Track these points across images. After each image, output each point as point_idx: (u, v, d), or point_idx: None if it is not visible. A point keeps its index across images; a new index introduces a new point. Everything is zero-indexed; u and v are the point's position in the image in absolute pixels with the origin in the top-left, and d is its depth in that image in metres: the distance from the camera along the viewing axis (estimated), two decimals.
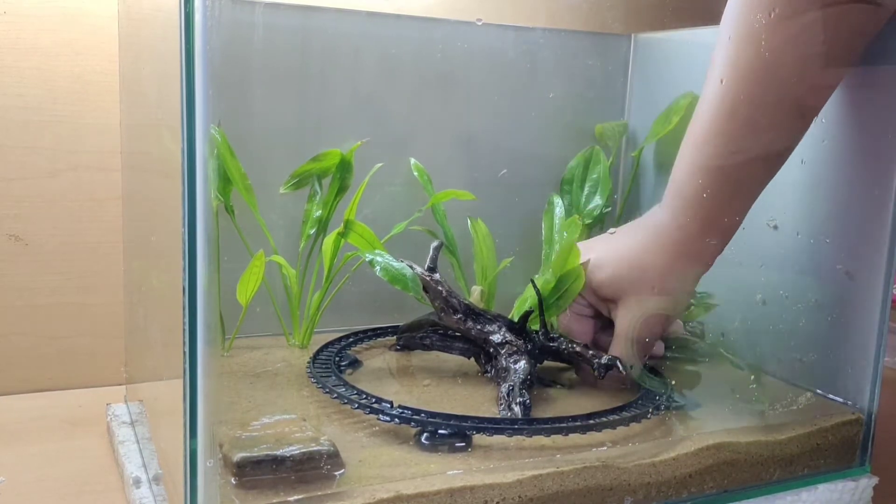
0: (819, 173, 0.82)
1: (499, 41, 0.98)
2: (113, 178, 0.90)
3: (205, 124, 0.48)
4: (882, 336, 0.77)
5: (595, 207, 1.01)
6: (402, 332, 0.87)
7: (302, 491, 0.57)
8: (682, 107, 0.96)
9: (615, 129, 1.05)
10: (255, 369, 0.81)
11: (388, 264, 0.79)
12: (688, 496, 0.69)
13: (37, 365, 0.90)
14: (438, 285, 0.84)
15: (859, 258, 0.78)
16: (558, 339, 0.81)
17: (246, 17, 0.86)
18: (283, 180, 0.87)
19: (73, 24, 0.86)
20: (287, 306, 0.88)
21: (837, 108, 0.80)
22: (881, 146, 0.77)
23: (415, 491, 0.58)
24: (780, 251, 0.86)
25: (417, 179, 0.93)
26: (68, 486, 0.70)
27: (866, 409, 0.78)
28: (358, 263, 0.86)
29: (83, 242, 0.90)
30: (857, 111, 0.79)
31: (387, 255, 0.80)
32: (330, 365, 0.79)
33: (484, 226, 0.95)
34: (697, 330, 0.91)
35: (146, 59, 0.65)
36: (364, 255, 0.80)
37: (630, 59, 1.06)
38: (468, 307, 0.83)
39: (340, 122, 0.93)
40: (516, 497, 0.61)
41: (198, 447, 0.52)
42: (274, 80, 0.89)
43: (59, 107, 0.87)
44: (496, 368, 0.78)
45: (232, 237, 0.83)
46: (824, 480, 0.75)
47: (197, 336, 0.50)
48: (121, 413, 0.79)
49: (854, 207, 0.79)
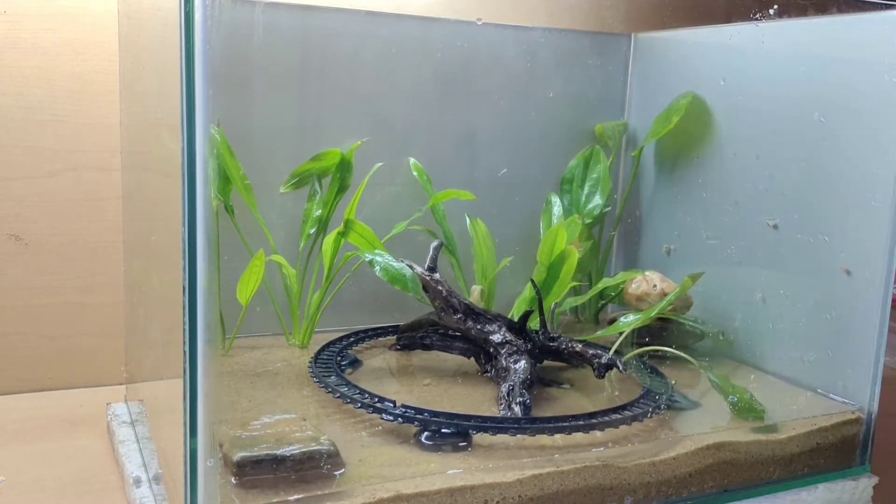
0: (819, 173, 0.82)
1: (499, 41, 0.98)
2: (113, 177, 0.90)
3: (205, 124, 0.48)
4: (882, 336, 0.77)
5: (595, 207, 1.01)
6: (403, 332, 0.87)
7: (302, 490, 0.57)
8: (682, 107, 0.96)
9: (615, 129, 1.05)
10: (255, 369, 0.81)
11: (388, 264, 0.79)
12: (688, 496, 0.69)
13: (37, 365, 0.90)
14: (438, 285, 0.84)
15: (859, 258, 0.78)
16: (558, 338, 0.81)
17: (246, 17, 0.86)
18: (283, 180, 0.87)
19: (74, 23, 0.86)
20: (287, 306, 0.88)
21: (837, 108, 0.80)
22: (881, 146, 0.77)
23: (415, 490, 0.58)
24: (780, 251, 0.86)
25: (417, 179, 0.93)
26: (68, 486, 0.70)
27: (866, 409, 0.78)
28: (358, 264, 0.86)
29: (83, 242, 0.90)
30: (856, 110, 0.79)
31: (387, 255, 0.80)
32: (332, 364, 0.79)
33: (484, 225, 0.95)
34: (697, 330, 0.91)
35: (146, 58, 0.65)
36: (364, 255, 0.80)
37: (630, 59, 1.06)
38: (468, 307, 0.83)
39: (340, 122, 0.93)
40: (516, 496, 0.61)
41: (198, 446, 0.52)
42: (274, 79, 0.89)
43: (59, 106, 0.87)
44: (496, 368, 0.78)
45: (232, 237, 0.83)
46: (824, 480, 0.75)
47: (197, 336, 0.50)
48: (121, 413, 0.79)
49: (854, 207, 0.79)
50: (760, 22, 0.84)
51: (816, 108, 0.82)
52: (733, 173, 0.91)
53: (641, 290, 0.93)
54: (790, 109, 0.85)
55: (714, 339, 0.92)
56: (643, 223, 1.06)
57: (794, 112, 0.84)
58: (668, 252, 1.01)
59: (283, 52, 0.89)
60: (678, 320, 0.91)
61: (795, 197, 0.84)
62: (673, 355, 0.84)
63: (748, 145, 0.90)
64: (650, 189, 1.04)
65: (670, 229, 1.01)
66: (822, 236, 0.82)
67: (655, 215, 1.04)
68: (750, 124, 0.90)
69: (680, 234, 0.99)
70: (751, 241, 0.89)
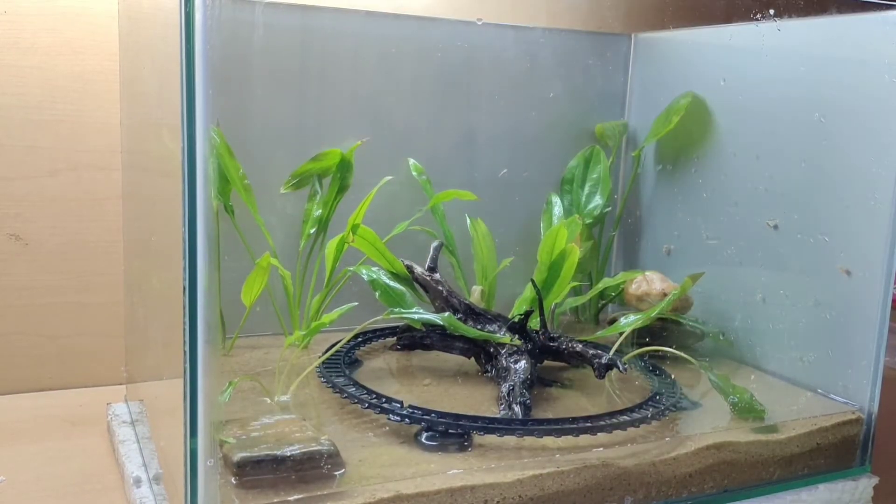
0: (819, 173, 0.82)
1: (499, 41, 0.98)
2: (113, 177, 0.90)
3: (205, 124, 0.48)
4: (882, 336, 0.77)
5: (595, 207, 1.01)
6: (403, 332, 0.87)
7: (302, 490, 0.57)
8: (682, 107, 0.96)
9: (615, 129, 1.05)
10: (255, 369, 0.81)
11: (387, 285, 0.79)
12: (688, 496, 0.69)
13: (37, 365, 0.90)
14: (439, 285, 0.84)
15: (859, 258, 0.78)
16: (558, 338, 0.81)
17: (246, 17, 0.86)
18: (283, 180, 0.87)
19: (74, 23, 0.86)
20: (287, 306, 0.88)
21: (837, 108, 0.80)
22: (881, 146, 0.77)
23: (415, 490, 0.58)
24: (780, 251, 0.86)
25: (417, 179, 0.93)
26: (68, 486, 0.70)
27: (866, 409, 0.78)
28: (360, 262, 0.86)
29: (83, 242, 0.90)
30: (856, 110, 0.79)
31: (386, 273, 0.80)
32: (339, 364, 0.79)
33: (484, 226, 0.95)
34: (698, 330, 0.91)
35: (146, 58, 0.65)
36: (362, 273, 0.80)
37: (630, 59, 1.06)
38: (468, 307, 0.83)
39: (340, 122, 0.93)
40: (516, 496, 0.61)
41: (198, 446, 0.52)
42: (274, 79, 0.89)
43: (59, 106, 0.87)
44: (496, 368, 0.78)
45: (232, 237, 0.83)
46: (824, 480, 0.75)
47: (197, 336, 0.50)
48: (121, 412, 0.79)
49: (854, 207, 0.79)
50: (760, 22, 0.84)
51: (816, 108, 0.82)
52: (733, 173, 0.91)
53: (642, 290, 0.93)
54: (790, 109, 0.85)
55: (714, 340, 0.92)
56: (643, 223, 1.06)
57: (794, 112, 0.84)
58: (668, 252, 1.01)
59: (283, 53, 0.89)
60: (678, 320, 0.91)
61: (795, 197, 0.84)
62: (673, 355, 0.84)
63: (748, 145, 0.90)
64: (650, 189, 1.04)
65: (670, 229, 1.01)
66: (822, 236, 0.82)
67: (655, 215, 1.04)
68: (750, 124, 0.90)
69: (680, 235, 0.99)
70: (751, 241, 0.89)
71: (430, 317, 0.77)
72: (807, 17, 0.83)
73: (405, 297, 0.79)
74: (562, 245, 0.80)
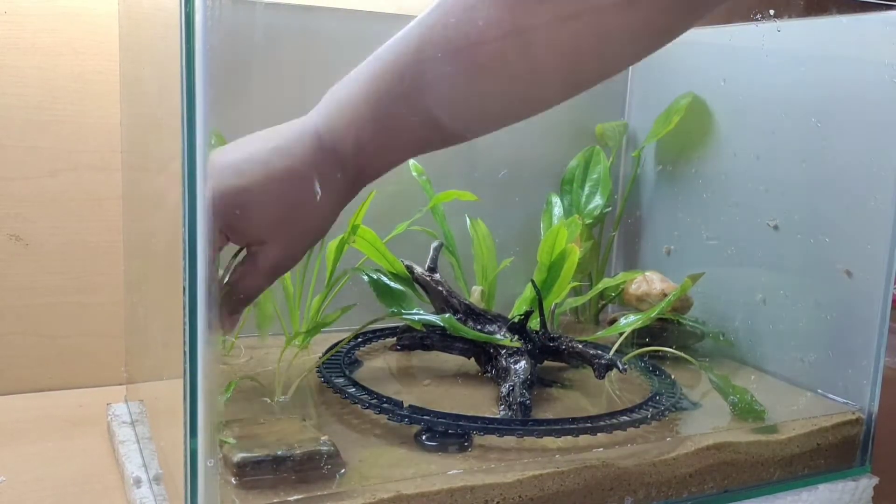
0: (819, 173, 0.82)
1: None
2: (113, 177, 0.90)
3: (205, 124, 0.48)
4: (882, 336, 0.77)
5: (595, 207, 1.01)
6: (403, 332, 0.87)
7: (302, 491, 0.57)
8: (682, 107, 0.96)
9: (615, 129, 1.05)
10: (255, 369, 0.81)
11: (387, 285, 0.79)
12: (688, 496, 0.69)
13: (37, 365, 0.90)
14: (438, 285, 0.84)
15: (859, 258, 0.78)
16: (558, 338, 0.81)
17: (246, 17, 0.86)
18: None
19: (74, 23, 0.86)
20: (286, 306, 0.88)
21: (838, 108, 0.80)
22: (881, 146, 0.77)
23: (415, 491, 0.58)
24: (780, 251, 0.86)
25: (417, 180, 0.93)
26: (68, 486, 0.70)
27: (866, 409, 0.78)
28: (359, 263, 0.86)
29: (83, 242, 0.90)
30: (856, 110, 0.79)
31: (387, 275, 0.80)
32: (339, 365, 0.79)
33: (484, 226, 0.95)
34: (698, 330, 0.91)
35: (146, 58, 0.65)
36: (363, 275, 0.80)
37: None
38: (468, 307, 0.83)
39: None
40: (516, 497, 0.61)
41: (198, 447, 0.51)
42: (274, 80, 0.89)
43: (59, 106, 0.87)
44: (496, 368, 0.78)
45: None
46: (824, 480, 0.75)
47: (197, 336, 0.50)
48: (121, 413, 0.79)
49: (854, 207, 0.79)
50: (760, 22, 0.84)
51: (816, 108, 0.82)
52: (733, 173, 0.91)
53: (642, 290, 0.93)
54: (790, 109, 0.85)
55: (714, 340, 0.92)
56: (643, 223, 1.06)
57: (794, 112, 0.84)
58: (668, 252, 1.01)
59: (284, 53, 0.89)
60: (678, 321, 0.91)
61: (796, 197, 0.84)
62: (673, 356, 0.84)
63: (748, 145, 0.90)
64: (650, 189, 1.04)
65: (670, 229, 1.01)
66: (823, 237, 0.82)
67: (655, 215, 1.04)
68: (750, 124, 0.90)
69: (680, 235, 0.99)
70: (751, 241, 0.89)
71: (430, 318, 0.77)
72: (807, 17, 0.83)
73: (405, 297, 0.79)
74: (562, 245, 0.80)
